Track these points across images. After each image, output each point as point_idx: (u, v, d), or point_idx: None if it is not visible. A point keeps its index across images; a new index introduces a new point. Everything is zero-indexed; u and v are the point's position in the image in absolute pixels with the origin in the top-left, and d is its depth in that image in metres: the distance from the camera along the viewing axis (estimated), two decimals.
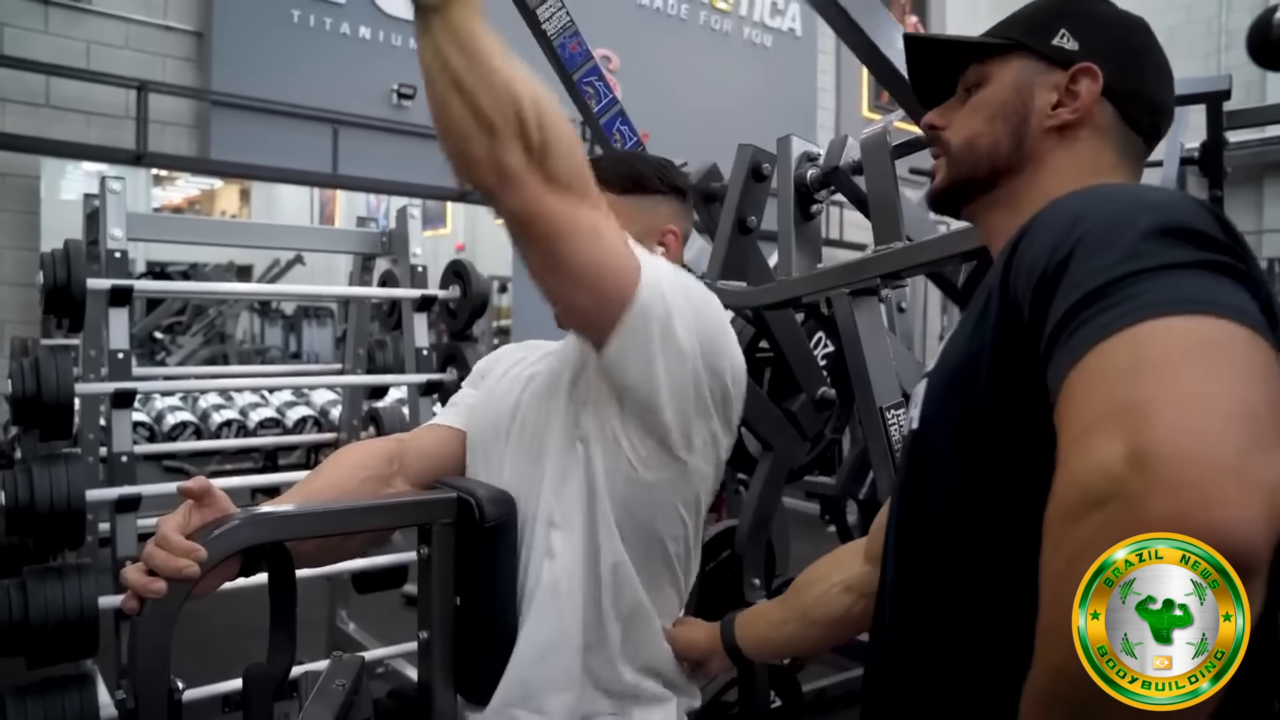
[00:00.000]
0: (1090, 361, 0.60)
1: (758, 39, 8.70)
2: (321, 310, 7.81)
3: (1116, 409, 0.56)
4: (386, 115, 6.33)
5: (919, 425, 0.86)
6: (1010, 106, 0.90)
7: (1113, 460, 0.53)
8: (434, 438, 1.33)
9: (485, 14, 0.94)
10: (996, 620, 0.74)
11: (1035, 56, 0.91)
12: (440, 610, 1.15)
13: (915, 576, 0.85)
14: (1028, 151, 0.90)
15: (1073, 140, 0.89)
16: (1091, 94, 0.88)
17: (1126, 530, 0.52)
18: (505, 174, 0.95)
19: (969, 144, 0.92)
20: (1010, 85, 0.91)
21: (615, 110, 1.88)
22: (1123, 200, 0.71)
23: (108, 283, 2.31)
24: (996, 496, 0.76)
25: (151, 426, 5.44)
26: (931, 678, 0.82)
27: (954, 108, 0.96)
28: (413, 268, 2.95)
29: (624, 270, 1.01)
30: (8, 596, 1.91)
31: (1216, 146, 2.57)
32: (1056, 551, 0.56)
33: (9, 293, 5.24)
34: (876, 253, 1.73)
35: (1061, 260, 0.67)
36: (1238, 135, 3.07)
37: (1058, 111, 0.88)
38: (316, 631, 2.97)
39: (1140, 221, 0.66)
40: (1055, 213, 0.73)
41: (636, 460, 1.10)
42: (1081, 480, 0.55)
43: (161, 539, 0.94)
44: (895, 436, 1.71)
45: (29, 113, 5.22)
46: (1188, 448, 0.52)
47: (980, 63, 0.94)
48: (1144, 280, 0.61)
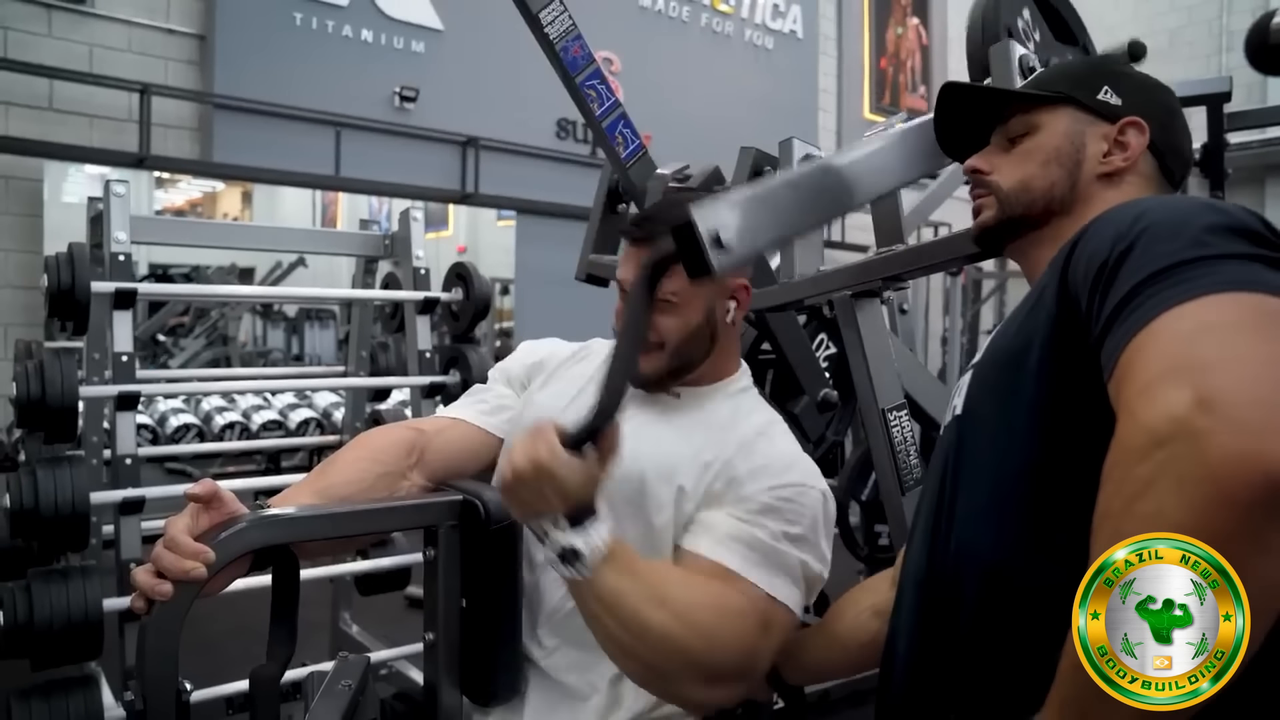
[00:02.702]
0: (1155, 327, 0.64)
1: (759, 41, 8.70)
2: (324, 313, 7.81)
3: (1182, 364, 0.60)
4: (389, 118, 6.34)
5: (962, 411, 0.90)
6: (1064, 153, 0.98)
7: (1179, 405, 0.57)
8: (460, 434, 1.32)
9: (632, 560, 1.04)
10: (1042, 601, 0.75)
11: (1083, 109, 0.99)
12: (446, 612, 1.15)
13: (949, 562, 0.85)
14: (1078, 194, 0.97)
15: (1119, 185, 0.97)
16: (1140, 145, 0.97)
17: (1192, 464, 0.54)
18: (687, 702, 1.12)
19: (1024, 185, 0.99)
20: (1063, 133, 0.99)
21: (618, 113, 1.88)
22: (1182, 202, 0.77)
23: (112, 286, 2.32)
24: (1044, 480, 0.78)
25: (154, 429, 5.44)
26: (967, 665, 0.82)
27: (996, 154, 1.04)
28: (415, 270, 2.95)
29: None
30: (12, 599, 1.92)
31: (1218, 148, 2.57)
32: (1117, 491, 0.58)
33: (12, 295, 5.25)
34: (878, 255, 1.73)
35: (1124, 249, 0.72)
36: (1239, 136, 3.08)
37: (1110, 159, 0.97)
38: (320, 634, 2.97)
39: (1201, 219, 0.71)
40: (1116, 212, 0.79)
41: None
42: (1148, 424, 0.58)
43: (170, 541, 0.95)
44: (897, 438, 1.71)
45: (32, 116, 5.22)
46: (1251, 393, 0.56)
47: (1026, 112, 1.01)
48: (1206, 265, 0.66)
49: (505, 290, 7.25)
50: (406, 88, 6.36)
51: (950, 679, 0.84)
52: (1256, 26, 2.11)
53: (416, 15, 6.49)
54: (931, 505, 0.91)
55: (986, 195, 1.03)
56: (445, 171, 6.59)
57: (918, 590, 0.90)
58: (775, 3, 8.78)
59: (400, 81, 6.37)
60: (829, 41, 9.34)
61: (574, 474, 0.95)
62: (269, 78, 5.82)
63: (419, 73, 6.43)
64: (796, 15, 8.95)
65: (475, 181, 6.63)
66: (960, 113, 1.09)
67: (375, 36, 6.33)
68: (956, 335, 7.21)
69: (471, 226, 7.70)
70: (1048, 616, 0.71)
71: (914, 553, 0.93)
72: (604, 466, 0.98)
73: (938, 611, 0.86)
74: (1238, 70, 2.15)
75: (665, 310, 1.22)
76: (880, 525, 3.37)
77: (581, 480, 0.96)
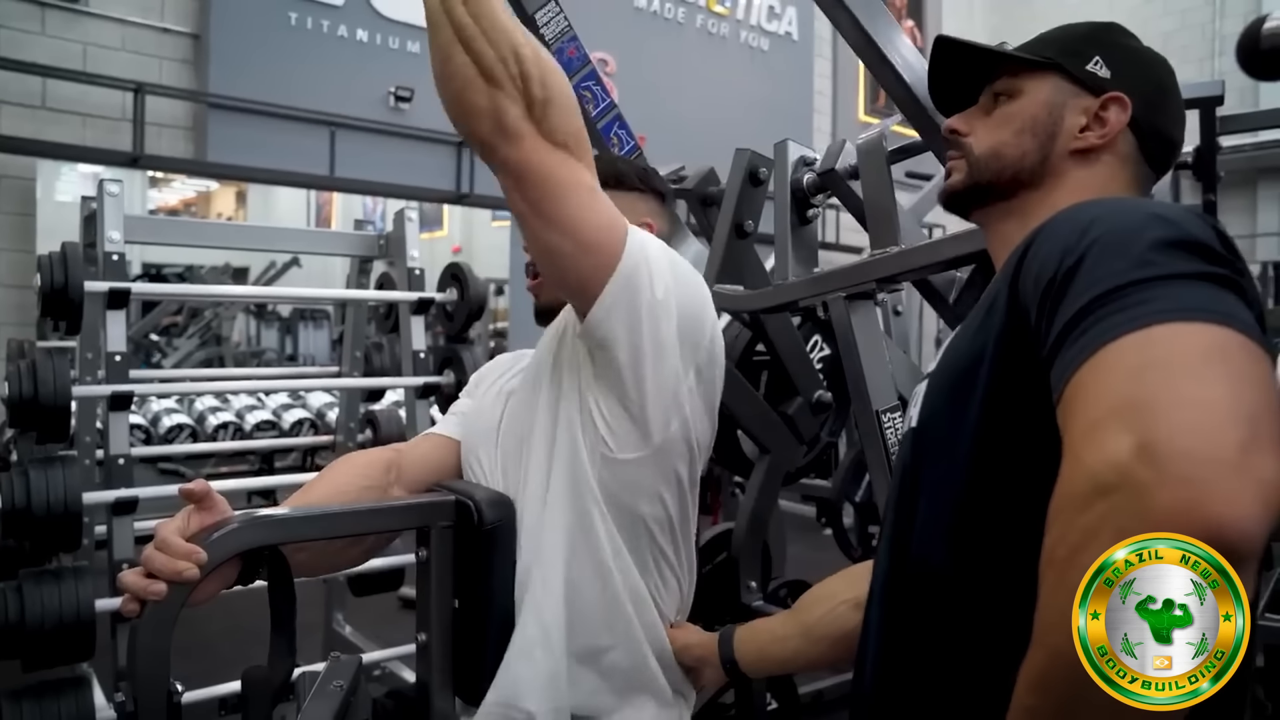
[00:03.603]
0: (1100, 359, 0.62)
1: (754, 42, 8.71)
2: (318, 313, 7.80)
3: (1125, 405, 0.58)
4: (384, 118, 6.33)
5: (918, 423, 0.88)
6: (1040, 123, 0.94)
7: (1121, 453, 0.55)
8: (431, 446, 1.35)
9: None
10: (992, 614, 0.75)
11: (1069, 78, 0.95)
12: (439, 612, 1.15)
13: (908, 572, 0.86)
14: (1049, 168, 0.93)
15: (1093, 163, 0.93)
16: (1119, 123, 0.92)
17: (1132, 519, 0.53)
18: (505, 126, 0.97)
19: (995, 152, 0.95)
20: (1042, 102, 0.95)
21: (613, 114, 1.89)
22: (1133, 212, 0.73)
23: (105, 285, 2.31)
24: (994, 495, 0.77)
25: (147, 429, 5.42)
26: (925, 673, 0.83)
27: (977, 115, 1.00)
28: (410, 270, 2.95)
29: (613, 228, 1.04)
30: (4, 599, 1.91)
31: (1210, 151, 2.58)
32: (1061, 539, 0.58)
33: (5, 295, 5.23)
34: (873, 257, 1.73)
35: (1072, 265, 0.69)
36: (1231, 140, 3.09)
37: (1085, 135, 0.93)
38: (313, 634, 2.97)
39: (1149, 232, 0.68)
40: (1065, 220, 0.76)
41: (611, 440, 1.11)
42: (1090, 470, 0.57)
43: (161, 542, 0.95)
44: (891, 440, 1.72)
45: (25, 114, 5.21)
46: (1194, 444, 0.54)
47: (1013, 75, 0.97)
48: (1153, 287, 0.64)
49: (500, 291, 7.25)
50: (402, 88, 6.36)
51: (911, 682, 0.85)
52: (1247, 32, 2.12)
53: (412, 15, 6.48)
54: (893, 516, 0.91)
55: (958, 158, 0.99)
56: (440, 172, 6.59)
57: (883, 594, 0.91)
58: (770, 4, 8.80)
59: (395, 81, 6.37)
60: (824, 43, 9.35)
61: None
62: (264, 77, 5.81)
63: (414, 73, 6.43)
64: (792, 17, 8.96)
65: (470, 182, 6.62)
66: (953, 68, 1.05)
67: (370, 36, 6.32)
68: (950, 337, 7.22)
69: (466, 227, 7.69)
70: (994, 630, 0.73)
71: (880, 557, 0.94)
72: None
73: (900, 618, 0.87)
74: (1230, 74, 2.15)
75: None
76: (874, 526, 3.38)
77: None
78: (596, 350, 1.09)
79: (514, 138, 0.97)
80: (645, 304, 1.06)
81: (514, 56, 0.96)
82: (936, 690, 0.81)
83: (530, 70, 0.96)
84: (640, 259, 1.05)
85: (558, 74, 1.00)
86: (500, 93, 0.96)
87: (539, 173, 0.99)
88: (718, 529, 2.35)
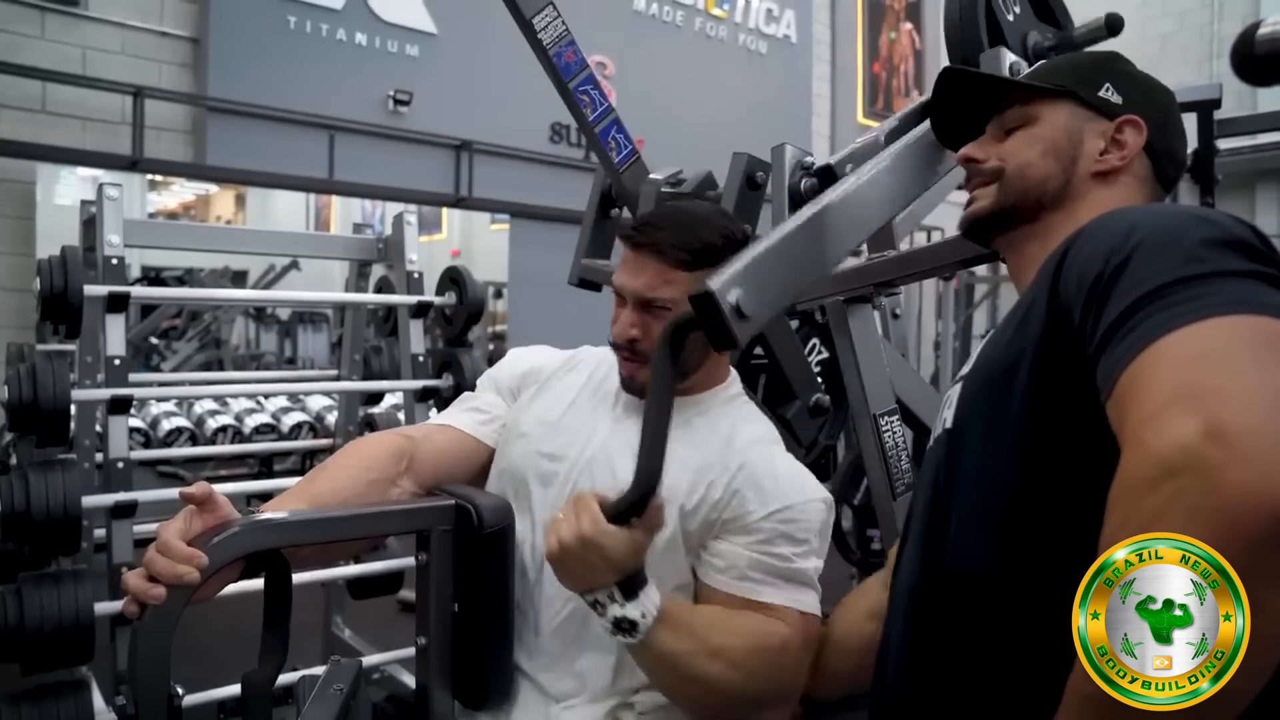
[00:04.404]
0: (1155, 352, 0.63)
1: (753, 45, 8.72)
2: (317, 316, 7.80)
3: (1188, 391, 0.58)
4: (382, 121, 6.34)
5: (953, 424, 0.89)
6: (1061, 147, 0.97)
7: (1189, 435, 0.55)
8: (448, 440, 1.32)
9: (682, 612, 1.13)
10: (1037, 618, 0.74)
11: (1083, 105, 0.98)
12: (438, 616, 1.16)
13: (943, 576, 0.85)
14: (1071, 190, 0.96)
15: (1113, 184, 0.96)
16: (1137, 145, 0.96)
17: (1205, 496, 0.53)
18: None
19: (1021, 172, 0.98)
20: (1061, 127, 0.98)
21: (611, 118, 1.89)
22: (1175, 215, 0.76)
23: (105, 289, 2.31)
24: (1040, 496, 0.77)
25: (146, 432, 5.43)
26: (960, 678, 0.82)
27: (991, 144, 1.02)
28: (408, 274, 2.95)
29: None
30: (3, 603, 1.91)
31: (1208, 154, 2.58)
32: (1125, 523, 0.57)
33: (4, 298, 5.23)
34: (870, 261, 1.74)
35: (1119, 264, 0.71)
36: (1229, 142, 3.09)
37: (1106, 157, 0.96)
38: (312, 637, 2.97)
39: (1196, 232, 0.70)
40: (1105, 225, 0.78)
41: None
42: (1156, 454, 0.57)
43: (162, 545, 0.95)
44: (889, 443, 1.72)
45: (25, 118, 5.21)
46: (1263, 424, 0.55)
47: (1025, 103, 1.00)
48: (1204, 284, 0.65)
49: (499, 294, 7.25)
50: (400, 91, 6.36)
51: (941, 689, 0.84)
52: (1242, 37, 2.12)
53: (410, 19, 6.49)
54: (924, 517, 0.90)
55: (982, 184, 1.01)
56: (439, 175, 6.59)
57: (910, 599, 0.90)
58: (769, 7, 8.80)
59: (394, 85, 6.37)
60: (823, 46, 9.36)
61: (620, 544, 0.98)
62: (263, 81, 5.82)
63: (413, 76, 6.43)
64: (790, 20, 8.97)
65: (469, 185, 6.63)
66: (957, 99, 1.08)
67: (369, 40, 6.32)
68: (949, 340, 7.22)
69: (465, 230, 7.69)
70: (1039, 635, 0.71)
71: (907, 561, 0.93)
72: (649, 535, 1.01)
73: (930, 622, 0.86)
74: (1229, 76, 2.15)
75: (660, 317, 1.22)
76: (872, 530, 3.37)
77: (627, 550, 0.99)
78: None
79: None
80: None
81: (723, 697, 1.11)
82: (972, 693, 0.81)
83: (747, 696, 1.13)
84: None
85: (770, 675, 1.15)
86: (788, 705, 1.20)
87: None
88: None
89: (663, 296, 1.22)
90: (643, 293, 1.23)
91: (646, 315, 1.23)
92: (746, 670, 1.10)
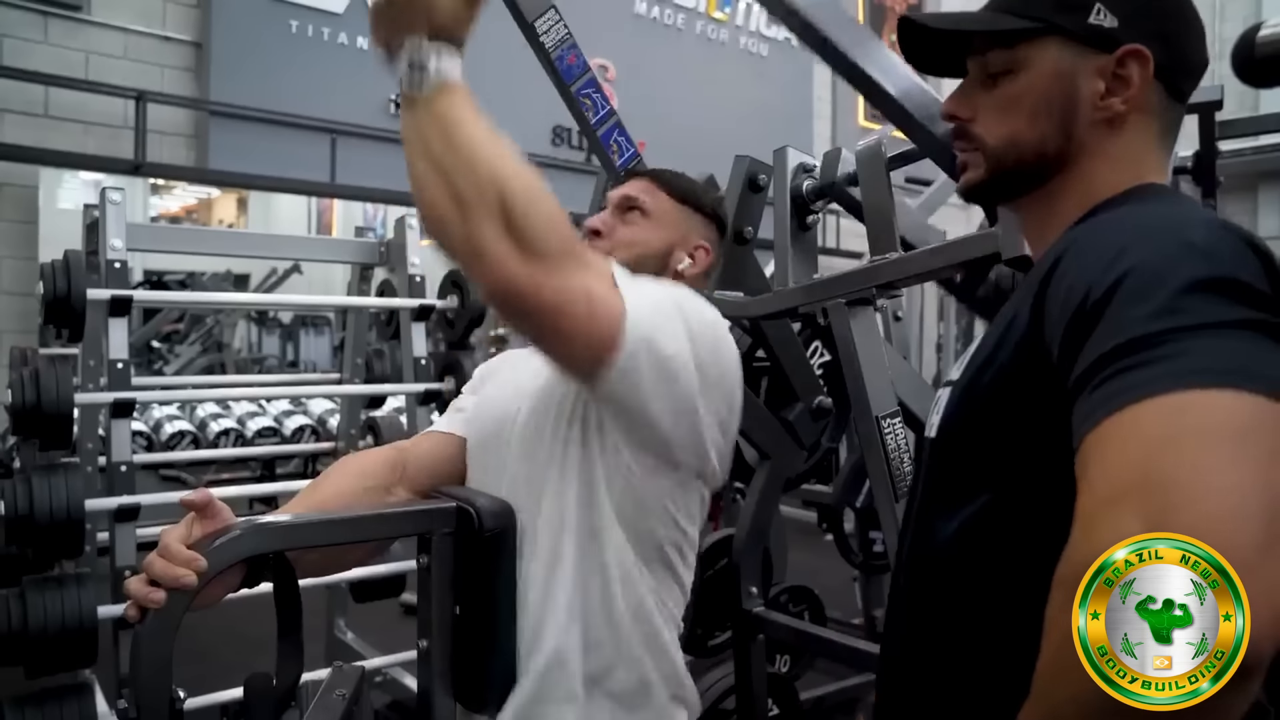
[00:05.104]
0: (1121, 421, 0.58)
1: (754, 49, 8.73)
2: (319, 319, 7.82)
3: (1141, 484, 0.55)
4: (384, 125, 6.35)
5: (936, 434, 0.85)
6: (1053, 100, 0.82)
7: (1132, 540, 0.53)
8: (434, 443, 1.34)
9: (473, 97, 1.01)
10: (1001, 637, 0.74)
11: (1071, 39, 0.82)
12: (440, 619, 1.15)
13: (927, 583, 0.85)
14: (1075, 145, 0.82)
15: (1121, 129, 0.82)
16: (1144, 78, 0.80)
17: None
18: (479, 251, 0.96)
19: (1011, 143, 0.84)
20: (1049, 75, 0.82)
21: (613, 121, 1.89)
22: (1166, 241, 0.66)
23: (107, 293, 2.32)
24: (1005, 514, 0.75)
25: (149, 436, 5.43)
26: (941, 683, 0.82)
27: (977, 92, 0.87)
28: (410, 277, 2.96)
29: (611, 319, 1.01)
30: (7, 606, 1.91)
31: (1209, 156, 2.57)
32: (1062, 613, 0.55)
33: (7, 302, 5.24)
34: (872, 263, 1.74)
35: (1099, 301, 0.64)
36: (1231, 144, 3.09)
37: (1108, 101, 0.81)
38: (315, 641, 2.97)
39: (1182, 270, 0.62)
40: (1092, 245, 0.70)
41: (637, 468, 1.11)
42: (1099, 552, 0.54)
43: (163, 549, 0.95)
44: (891, 445, 1.72)
45: (27, 123, 5.23)
46: (1216, 539, 0.51)
47: (1006, 46, 0.84)
48: (1181, 340, 0.59)
49: None
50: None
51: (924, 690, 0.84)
52: (1242, 39, 2.11)
53: None
54: (912, 518, 0.91)
55: (970, 151, 0.88)
56: None
57: (899, 597, 0.91)
58: None
59: (396, 88, 6.37)
60: None
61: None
62: (264, 85, 5.83)
63: None
64: None
65: None
66: (930, 45, 0.94)
67: (370, 43, 6.34)
68: (951, 342, 7.21)
69: None
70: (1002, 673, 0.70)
71: (900, 558, 0.94)
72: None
73: (915, 621, 0.87)
74: (1230, 78, 2.14)
75: (631, 222, 1.27)
76: (875, 532, 3.37)
77: (453, 6, 1.00)
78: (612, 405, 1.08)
79: (489, 263, 0.95)
80: (654, 376, 1.05)
81: (490, 182, 0.96)
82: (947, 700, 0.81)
83: (507, 195, 0.96)
84: (639, 337, 1.02)
85: (536, 190, 0.99)
86: (471, 220, 0.96)
87: (522, 295, 0.96)
88: (719, 535, 2.35)
89: (645, 201, 1.27)
90: (629, 193, 1.29)
91: (618, 218, 1.28)
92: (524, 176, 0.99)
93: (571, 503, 1.13)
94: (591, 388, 1.06)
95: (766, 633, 2.14)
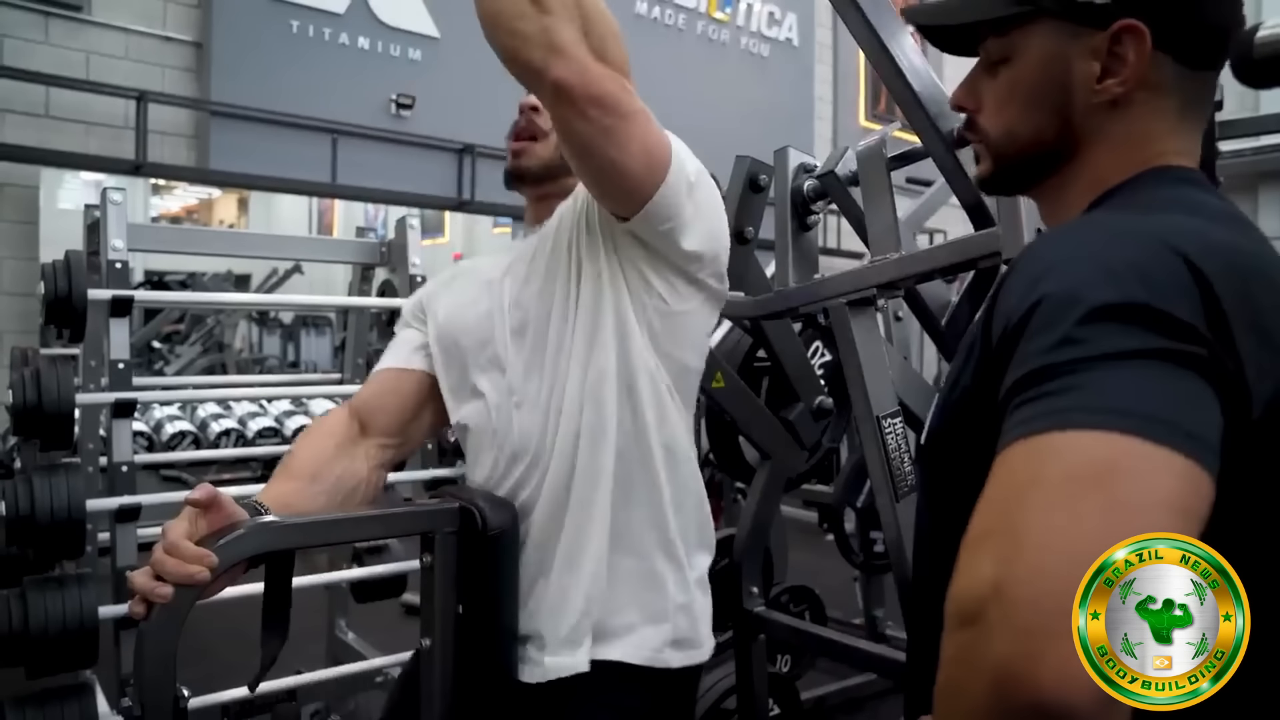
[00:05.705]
0: (1004, 459, 0.58)
1: (755, 49, 8.73)
2: (320, 320, 7.82)
3: (998, 528, 0.55)
4: (385, 125, 6.35)
5: (925, 440, 0.85)
6: (1044, 89, 0.78)
7: (983, 584, 0.53)
8: (385, 385, 1.36)
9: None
10: None
11: (1061, 20, 0.76)
12: (443, 618, 1.16)
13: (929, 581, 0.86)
14: (1076, 133, 0.78)
15: (1125, 108, 0.76)
16: (1141, 56, 0.74)
17: (980, 658, 0.52)
18: (559, 47, 1.02)
19: (1009, 135, 0.81)
20: (1039, 61, 0.78)
21: None
22: (1085, 263, 0.63)
23: (109, 293, 2.32)
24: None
25: (150, 436, 5.44)
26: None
27: (983, 79, 0.84)
28: (411, 277, 2.96)
29: (663, 141, 1.14)
30: (7, 606, 1.91)
31: (1210, 157, 2.58)
32: (947, 639, 0.56)
33: (8, 303, 5.25)
34: (873, 263, 1.74)
35: (1019, 323, 0.63)
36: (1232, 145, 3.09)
37: (1105, 84, 0.75)
38: (315, 641, 2.97)
39: (1090, 296, 0.59)
40: (1029, 262, 0.68)
41: (667, 293, 1.19)
42: (958, 594, 0.55)
43: (170, 546, 0.95)
44: (891, 445, 1.72)
45: (28, 123, 5.23)
46: (1037, 592, 0.51)
47: (998, 33, 0.80)
48: (1077, 372, 0.57)
49: None
50: (403, 95, 6.38)
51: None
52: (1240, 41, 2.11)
53: (413, 23, 6.51)
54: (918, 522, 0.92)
55: (978, 141, 0.85)
56: (442, 179, 6.60)
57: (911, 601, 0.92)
58: (771, 11, 8.82)
59: (397, 89, 6.39)
60: (825, 49, 9.37)
61: None
62: (265, 85, 5.83)
63: (415, 80, 6.45)
64: (792, 23, 8.98)
65: (471, 189, 6.64)
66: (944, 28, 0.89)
67: (372, 44, 6.34)
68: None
69: (468, 234, 7.71)
70: None
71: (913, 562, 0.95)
72: None
73: (919, 623, 0.88)
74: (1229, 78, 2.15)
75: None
76: (875, 532, 3.38)
77: None
78: (647, 232, 1.15)
79: (569, 57, 1.01)
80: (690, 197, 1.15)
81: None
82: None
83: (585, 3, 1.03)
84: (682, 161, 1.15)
85: (604, 8, 1.07)
86: (550, 15, 1.01)
87: (598, 90, 1.04)
88: (720, 534, 2.35)
89: None
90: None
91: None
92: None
93: (612, 357, 1.17)
94: (636, 207, 1.12)
95: (767, 633, 2.15)
